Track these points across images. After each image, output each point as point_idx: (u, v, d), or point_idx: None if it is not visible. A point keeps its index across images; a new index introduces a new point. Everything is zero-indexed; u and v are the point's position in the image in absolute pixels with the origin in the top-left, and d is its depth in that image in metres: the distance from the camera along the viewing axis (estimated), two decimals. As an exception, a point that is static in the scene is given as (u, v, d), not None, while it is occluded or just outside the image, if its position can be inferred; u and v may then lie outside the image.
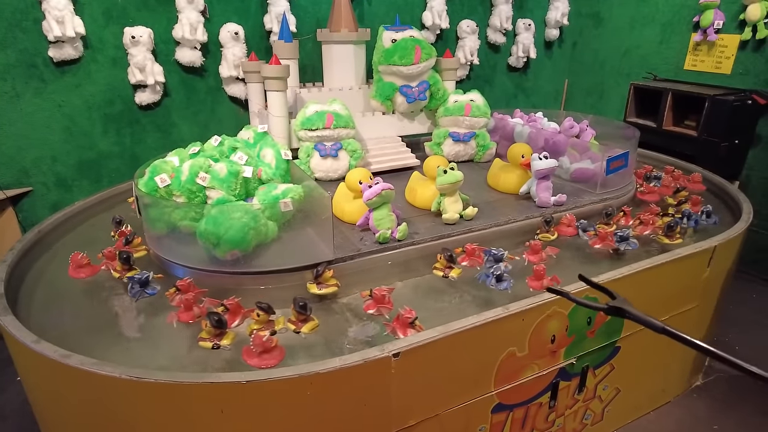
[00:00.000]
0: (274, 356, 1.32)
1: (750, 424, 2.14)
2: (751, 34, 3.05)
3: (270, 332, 1.39)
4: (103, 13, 2.50)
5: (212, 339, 1.39)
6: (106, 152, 2.70)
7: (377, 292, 1.55)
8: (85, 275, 1.74)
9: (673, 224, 1.98)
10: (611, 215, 2.11)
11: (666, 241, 2.00)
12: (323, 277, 1.59)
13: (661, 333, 0.95)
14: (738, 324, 2.74)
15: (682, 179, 2.61)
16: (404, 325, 1.42)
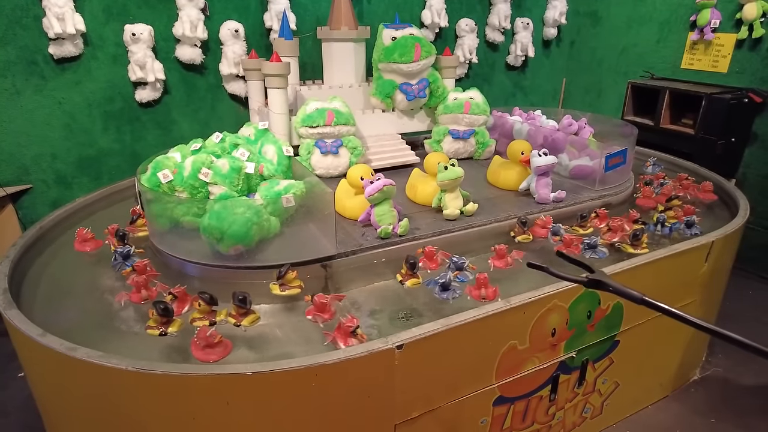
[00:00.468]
0: (217, 352, 1.34)
1: (747, 417, 2.16)
2: (748, 33, 3.08)
3: (210, 322, 1.45)
4: (103, 10, 2.50)
5: (159, 326, 1.42)
6: (107, 149, 2.70)
7: (318, 299, 1.49)
8: (90, 249, 1.88)
9: (638, 233, 1.89)
10: (586, 218, 2.06)
11: (630, 249, 1.90)
12: (286, 279, 1.55)
13: (640, 304, 0.96)
14: (735, 320, 2.76)
15: (691, 188, 2.49)
16: (345, 334, 1.37)
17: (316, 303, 1.49)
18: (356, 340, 1.37)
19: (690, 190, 2.47)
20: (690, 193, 2.44)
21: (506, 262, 1.78)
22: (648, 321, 1.92)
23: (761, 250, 3.23)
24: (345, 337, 1.37)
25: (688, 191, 2.45)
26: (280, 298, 1.57)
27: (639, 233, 1.90)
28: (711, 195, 2.45)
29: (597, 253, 1.87)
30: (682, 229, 2.06)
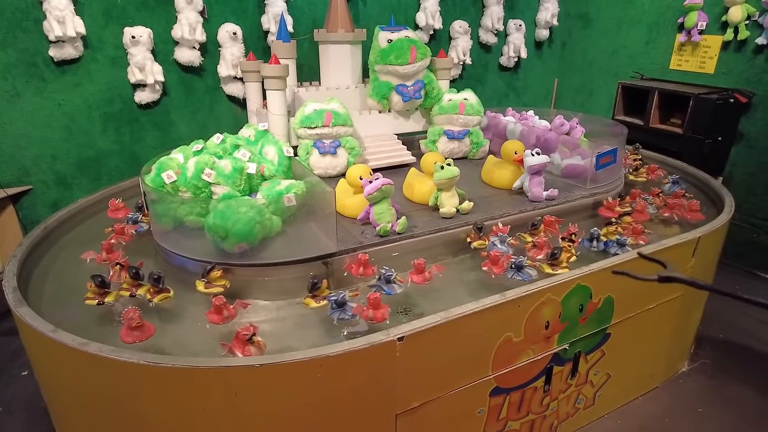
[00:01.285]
0: (138, 335, 1.44)
1: (733, 407, 2.24)
2: (733, 35, 3.16)
3: (129, 294, 1.59)
4: (103, 13, 2.53)
5: (97, 297, 1.56)
6: (106, 151, 2.73)
7: (216, 301, 1.49)
8: (122, 215, 2.14)
9: (556, 252, 1.78)
10: (537, 226, 2.00)
11: (547, 270, 1.77)
12: (210, 276, 1.58)
13: (704, 290, 1.18)
14: (723, 313, 2.84)
15: (678, 207, 2.30)
16: (242, 342, 1.34)
17: (213, 305, 1.49)
18: (254, 348, 1.36)
19: (677, 209, 2.30)
20: (677, 213, 2.29)
21: (424, 278, 1.69)
22: (638, 314, 1.99)
23: (747, 245, 3.32)
24: (242, 346, 1.34)
25: (675, 211, 2.30)
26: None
27: (557, 252, 1.78)
28: (698, 215, 2.27)
29: (522, 274, 1.72)
30: (616, 247, 1.93)
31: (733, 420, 2.17)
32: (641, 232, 2.05)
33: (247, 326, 1.36)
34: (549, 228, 2.04)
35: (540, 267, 1.80)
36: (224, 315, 1.51)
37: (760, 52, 3.09)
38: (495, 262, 1.77)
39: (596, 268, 1.72)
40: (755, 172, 3.23)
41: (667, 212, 2.30)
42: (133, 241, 1.97)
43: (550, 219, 2.05)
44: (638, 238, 2.03)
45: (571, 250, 1.88)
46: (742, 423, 2.15)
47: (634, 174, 2.83)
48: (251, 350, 1.35)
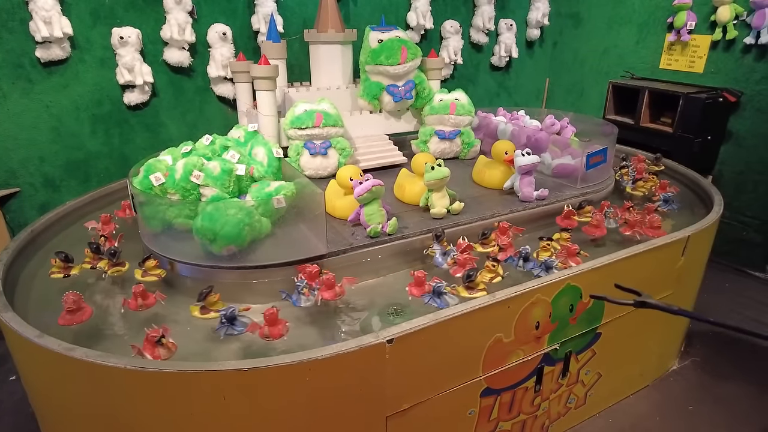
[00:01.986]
0: (66, 318, 1.50)
1: (723, 404, 2.26)
2: (722, 35, 3.18)
3: (90, 267, 1.75)
4: (90, 13, 2.51)
5: (62, 271, 1.73)
6: (95, 152, 2.71)
7: (135, 288, 1.53)
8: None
9: (471, 273, 1.63)
10: (487, 235, 1.92)
11: (463, 293, 1.63)
12: (146, 265, 1.68)
13: (677, 314, 1.32)
14: (713, 311, 2.86)
15: (638, 225, 2.07)
16: (151, 344, 1.33)
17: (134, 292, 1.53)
18: (163, 349, 1.35)
19: (638, 227, 2.06)
20: (638, 231, 2.06)
21: (335, 293, 1.59)
22: (628, 314, 1.99)
23: (736, 243, 3.34)
24: (152, 348, 1.33)
25: (636, 229, 2.06)
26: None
27: (472, 274, 1.63)
28: (660, 231, 2.05)
29: (439, 301, 1.58)
30: (543, 267, 1.76)
31: (723, 417, 2.18)
32: (575, 253, 1.82)
33: (156, 328, 1.34)
34: (503, 236, 1.92)
35: (457, 290, 1.65)
36: (139, 303, 1.56)
37: (748, 51, 3.11)
38: (419, 283, 1.63)
39: (586, 269, 1.73)
40: (744, 171, 3.26)
41: (628, 230, 2.06)
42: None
43: (504, 226, 1.96)
44: (571, 259, 1.81)
45: (497, 269, 1.73)
46: (732, 420, 2.17)
47: (632, 187, 2.56)
48: (160, 352, 1.35)
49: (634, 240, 2.04)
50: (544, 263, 1.76)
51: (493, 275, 1.73)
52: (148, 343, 1.34)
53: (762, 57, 3.06)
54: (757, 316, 2.87)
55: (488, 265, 1.74)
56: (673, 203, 2.38)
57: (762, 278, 3.26)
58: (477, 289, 1.65)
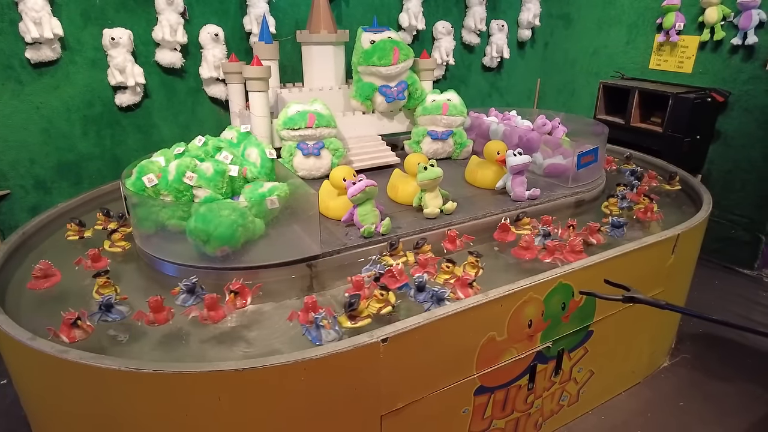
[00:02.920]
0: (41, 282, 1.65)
1: (713, 400, 2.29)
2: (710, 36, 3.23)
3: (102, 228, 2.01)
4: (81, 14, 2.49)
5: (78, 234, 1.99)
6: (87, 154, 2.69)
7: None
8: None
9: (353, 300, 1.47)
10: (395, 245, 1.79)
11: (346, 323, 1.48)
12: (113, 237, 1.88)
13: (664, 309, 1.35)
14: (702, 308, 2.86)
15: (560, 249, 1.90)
16: (67, 326, 1.38)
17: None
18: (80, 331, 1.41)
19: (558, 254, 1.89)
20: (560, 258, 1.88)
21: (220, 315, 1.48)
22: (619, 312, 2.02)
23: (725, 241, 3.38)
24: (68, 330, 1.39)
25: (557, 256, 1.89)
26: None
27: (354, 302, 1.47)
28: (581, 255, 1.87)
29: (313, 334, 1.42)
30: (431, 303, 1.57)
31: (713, 413, 2.21)
32: (467, 284, 1.63)
33: (71, 312, 1.39)
34: (450, 245, 1.86)
35: (339, 320, 1.49)
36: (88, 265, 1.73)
37: (735, 52, 3.15)
38: (306, 309, 1.46)
39: (578, 267, 1.74)
40: (732, 170, 3.30)
41: (548, 257, 1.88)
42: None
43: (453, 234, 1.88)
44: (462, 290, 1.62)
45: (389, 297, 1.57)
46: (722, 416, 2.20)
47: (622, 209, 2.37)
48: (76, 334, 1.39)
49: (553, 265, 1.81)
50: (435, 294, 1.55)
51: (381, 305, 1.53)
52: (65, 326, 1.39)
53: (749, 57, 3.10)
54: (746, 312, 2.91)
55: (377, 294, 1.52)
56: (623, 229, 2.09)
57: (750, 275, 3.31)
58: (360, 317, 1.49)
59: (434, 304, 1.56)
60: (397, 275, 1.63)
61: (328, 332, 1.41)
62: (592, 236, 2.02)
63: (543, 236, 1.97)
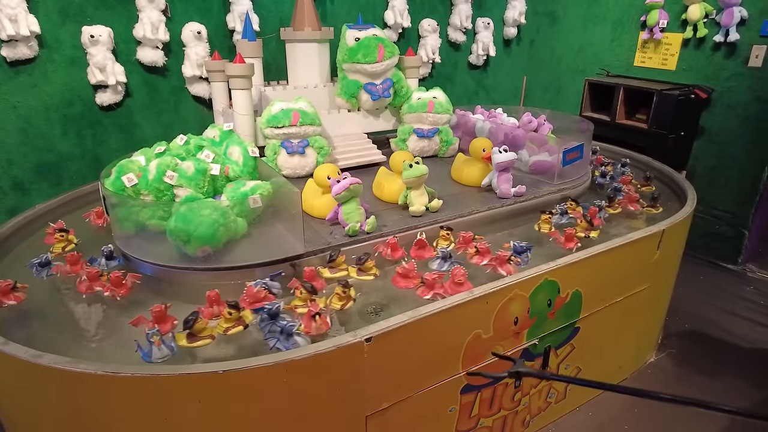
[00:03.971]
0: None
1: (697, 394, 2.28)
2: (692, 33, 3.25)
3: None
4: (58, 11, 2.44)
5: None
6: (67, 154, 2.64)
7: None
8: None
9: (190, 320, 1.35)
10: (333, 258, 1.67)
11: (183, 341, 1.37)
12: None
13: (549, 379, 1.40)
14: (688, 304, 2.92)
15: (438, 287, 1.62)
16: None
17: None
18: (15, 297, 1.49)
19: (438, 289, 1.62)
20: (438, 294, 1.61)
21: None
22: (606, 308, 2.02)
23: (710, 237, 3.42)
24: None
25: (437, 291, 1.62)
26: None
27: (191, 319, 1.34)
28: (461, 287, 1.61)
29: (146, 350, 1.32)
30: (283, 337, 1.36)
31: (698, 408, 2.22)
32: (311, 316, 1.41)
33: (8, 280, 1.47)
34: (393, 252, 1.78)
35: (176, 338, 1.37)
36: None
37: (717, 49, 3.18)
38: (154, 320, 1.35)
39: (563, 264, 1.74)
40: (716, 166, 3.33)
41: (427, 293, 1.61)
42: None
43: (392, 242, 1.78)
44: (310, 326, 1.41)
45: (244, 315, 1.43)
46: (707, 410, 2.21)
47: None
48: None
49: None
50: (284, 329, 1.35)
51: (230, 324, 1.41)
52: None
53: (731, 54, 3.13)
54: (731, 307, 2.94)
55: (225, 314, 1.40)
56: (527, 254, 1.81)
57: (735, 270, 3.34)
58: (200, 337, 1.38)
59: (280, 340, 1.34)
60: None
61: (159, 348, 1.32)
62: (501, 267, 1.74)
63: (442, 258, 1.72)
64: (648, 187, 2.63)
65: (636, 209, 2.33)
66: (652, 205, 2.36)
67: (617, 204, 2.35)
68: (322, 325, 1.41)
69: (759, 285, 3.19)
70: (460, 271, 1.62)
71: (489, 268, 1.77)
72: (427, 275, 1.61)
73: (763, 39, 2.98)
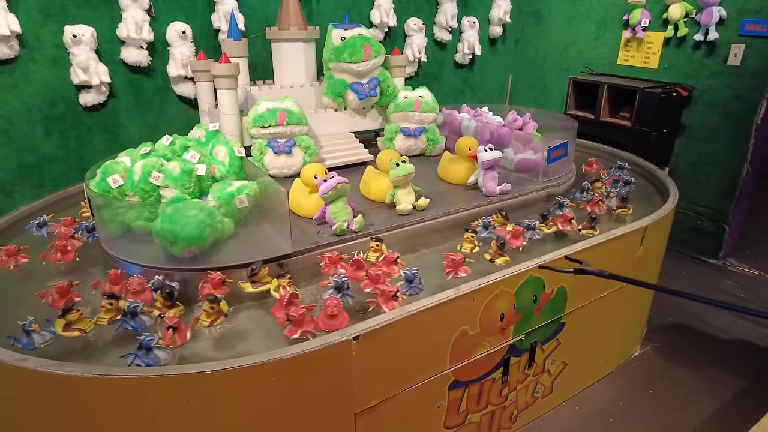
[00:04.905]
0: None
1: (682, 386, 2.35)
2: (674, 32, 3.31)
3: None
4: (39, 10, 2.41)
5: None
6: (50, 155, 2.61)
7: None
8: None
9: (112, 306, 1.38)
10: (255, 271, 1.57)
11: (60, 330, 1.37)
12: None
13: (608, 278, 1.56)
14: (671, 298, 2.97)
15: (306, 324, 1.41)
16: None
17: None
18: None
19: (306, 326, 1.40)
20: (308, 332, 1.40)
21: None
22: (591, 303, 2.05)
23: (692, 232, 3.48)
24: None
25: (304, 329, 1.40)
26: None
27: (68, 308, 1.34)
28: (334, 324, 1.44)
29: (25, 340, 1.34)
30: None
31: (681, 399, 2.27)
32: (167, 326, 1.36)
33: None
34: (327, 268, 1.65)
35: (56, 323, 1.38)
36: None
37: (698, 47, 3.24)
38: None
39: (547, 260, 1.76)
40: (697, 162, 3.39)
41: (294, 332, 1.39)
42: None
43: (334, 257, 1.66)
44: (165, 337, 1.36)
45: (119, 303, 1.44)
46: (690, 400, 2.26)
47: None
48: None
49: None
50: (142, 344, 1.28)
51: (111, 314, 1.40)
52: None
53: (711, 53, 3.19)
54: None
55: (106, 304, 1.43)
56: (417, 285, 1.62)
57: (716, 265, 3.41)
58: (74, 327, 1.38)
59: (138, 356, 1.28)
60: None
61: (41, 334, 1.35)
62: (386, 304, 1.51)
63: (335, 288, 1.53)
64: (624, 209, 2.27)
65: (566, 229, 2.00)
66: (591, 226, 2.05)
67: (551, 221, 2.05)
68: (177, 339, 1.36)
69: (739, 279, 3.26)
70: (332, 302, 1.43)
71: (373, 305, 1.52)
72: (293, 311, 1.38)
73: (741, 38, 3.04)
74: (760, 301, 3.00)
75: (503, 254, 1.81)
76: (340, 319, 1.44)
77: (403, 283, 1.60)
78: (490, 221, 1.99)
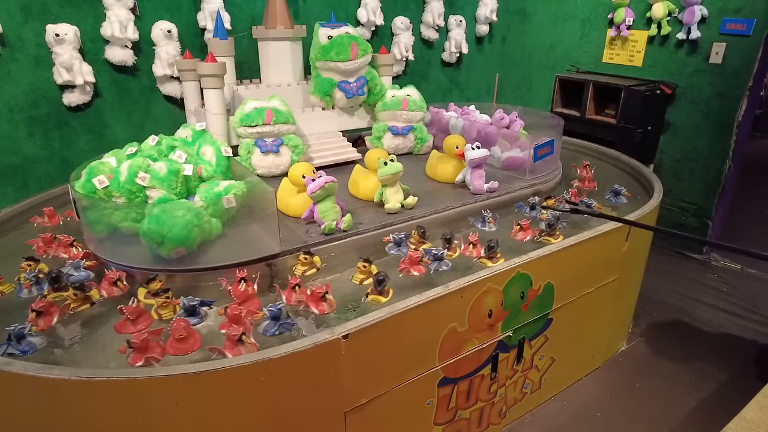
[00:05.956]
0: None
1: (667, 380, 2.39)
2: (657, 31, 3.35)
3: None
4: (21, 9, 2.37)
5: None
6: (33, 156, 2.57)
7: None
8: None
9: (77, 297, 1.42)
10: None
11: None
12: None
13: (598, 217, 1.95)
14: (657, 293, 3.02)
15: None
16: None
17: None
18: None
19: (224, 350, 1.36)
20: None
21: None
22: (578, 299, 2.08)
23: (677, 227, 3.53)
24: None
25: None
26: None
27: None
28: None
29: None
30: None
31: (667, 392, 2.31)
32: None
33: None
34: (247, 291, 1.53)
35: None
36: None
37: (680, 46, 3.29)
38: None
39: (534, 257, 1.78)
40: (681, 159, 3.45)
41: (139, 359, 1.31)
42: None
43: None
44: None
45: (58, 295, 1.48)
46: (675, 393, 2.30)
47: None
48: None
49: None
50: (11, 334, 1.30)
51: (77, 303, 1.45)
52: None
53: (693, 51, 3.24)
54: (696, 295, 3.05)
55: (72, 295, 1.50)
56: (286, 321, 1.46)
57: (700, 260, 3.47)
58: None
59: (11, 345, 1.30)
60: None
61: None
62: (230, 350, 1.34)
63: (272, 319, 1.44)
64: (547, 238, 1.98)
65: (420, 272, 1.73)
66: (489, 256, 1.79)
67: (455, 247, 1.89)
68: (40, 322, 1.43)
69: (722, 273, 3.32)
70: (180, 324, 1.33)
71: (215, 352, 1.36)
72: (135, 336, 1.29)
73: (723, 36, 3.10)
74: (742, 294, 3.06)
75: (382, 292, 1.57)
76: (191, 341, 1.34)
77: (268, 323, 1.42)
78: (402, 238, 1.84)
